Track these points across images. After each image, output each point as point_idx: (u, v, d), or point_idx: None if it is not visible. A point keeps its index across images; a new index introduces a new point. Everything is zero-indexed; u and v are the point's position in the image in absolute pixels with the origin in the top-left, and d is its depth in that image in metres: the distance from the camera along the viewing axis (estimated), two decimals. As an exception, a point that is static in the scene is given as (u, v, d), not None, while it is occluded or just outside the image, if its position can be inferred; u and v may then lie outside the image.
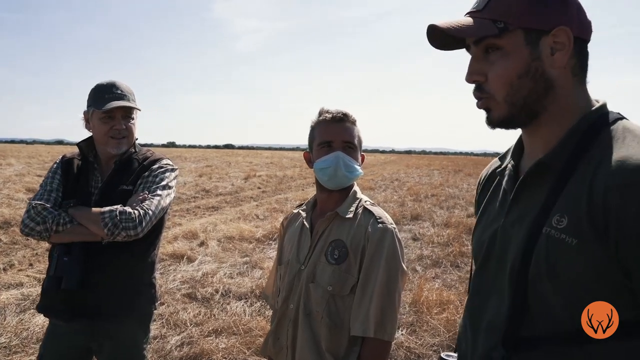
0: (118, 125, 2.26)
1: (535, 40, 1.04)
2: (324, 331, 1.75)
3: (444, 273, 6.64)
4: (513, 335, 1.06)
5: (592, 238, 0.94)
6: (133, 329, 2.31)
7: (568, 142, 1.05)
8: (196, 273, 6.23)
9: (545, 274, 1.01)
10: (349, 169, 1.80)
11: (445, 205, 13.27)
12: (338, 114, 1.83)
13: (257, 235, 8.46)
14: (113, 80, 2.29)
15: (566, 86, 1.07)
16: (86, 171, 2.33)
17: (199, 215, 11.19)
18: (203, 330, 4.46)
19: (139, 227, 2.10)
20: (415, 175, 26.38)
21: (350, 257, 1.76)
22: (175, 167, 2.45)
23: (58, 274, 2.12)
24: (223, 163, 33.60)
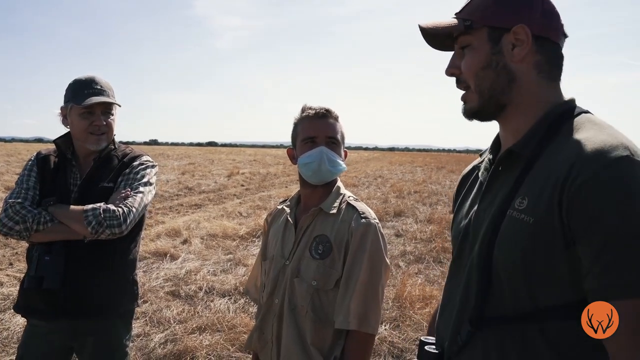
0: (98, 121, 2.22)
1: (497, 37, 1.17)
2: (308, 325, 1.76)
3: (426, 269, 6.70)
4: (479, 314, 1.13)
5: (548, 215, 1.01)
6: (115, 326, 2.29)
7: (536, 132, 1.15)
8: (179, 271, 6.21)
9: (507, 254, 1.09)
10: (333, 164, 1.82)
11: (428, 202, 13.38)
12: (321, 110, 1.85)
13: (241, 232, 8.44)
14: (92, 76, 2.26)
15: (530, 80, 1.17)
16: (64, 168, 2.29)
17: (182, 213, 11.13)
18: (187, 328, 4.46)
19: (123, 225, 2.09)
20: (398, 172, 26.51)
21: (334, 252, 1.78)
22: (155, 163, 2.44)
23: (39, 273, 2.09)
24: (206, 161, 33.44)
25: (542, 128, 1.14)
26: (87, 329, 2.23)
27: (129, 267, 2.33)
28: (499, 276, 1.10)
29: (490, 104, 1.19)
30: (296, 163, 1.89)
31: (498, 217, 1.12)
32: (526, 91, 1.17)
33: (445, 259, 7.13)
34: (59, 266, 2.10)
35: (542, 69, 1.17)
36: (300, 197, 1.99)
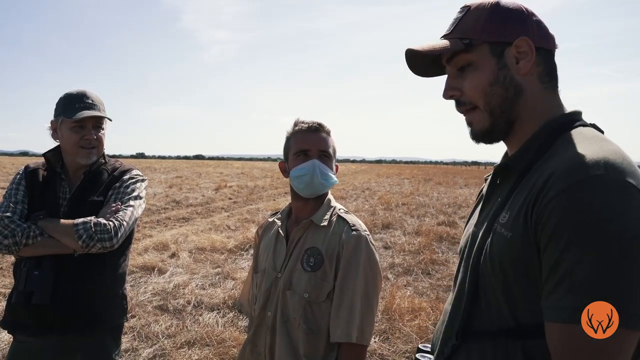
0: (89, 135, 2.22)
1: (500, 52, 1.14)
2: (301, 337, 1.77)
3: (415, 281, 6.71)
4: (465, 327, 1.14)
5: (523, 232, 1.00)
6: (105, 341, 2.27)
7: (531, 145, 1.13)
8: (167, 285, 6.16)
9: (490, 269, 1.08)
10: (325, 177, 1.84)
11: (415, 214, 13.41)
12: (314, 124, 1.88)
13: (229, 245, 8.40)
14: (83, 90, 2.26)
15: (534, 92, 1.16)
16: (53, 182, 2.28)
17: (170, 226, 11.05)
18: (176, 342, 4.42)
19: (114, 239, 2.08)
20: (386, 185, 26.58)
21: (325, 264, 1.79)
22: (145, 177, 2.44)
23: (28, 288, 2.06)
24: (193, 174, 33.29)
25: (539, 140, 1.12)
26: (77, 344, 2.20)
27: (118, 281, 2.32)
28: (484, 290, 1.10)
29: (502, 121, 1.17)
30: (288, 176, 1.90)
31: (486, 231, 1.12)
32: (531, 104, 1.16)
33: (434, 271, 7.15)
34: (49, 281, 2.08)
35: (544, 80, 1.17)
36: (291, 209, 2.00)
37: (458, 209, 14.69)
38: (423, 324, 4.79)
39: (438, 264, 7.53)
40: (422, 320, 4.88)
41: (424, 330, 4.66)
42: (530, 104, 1.15)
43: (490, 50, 1.15)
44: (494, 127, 1.17)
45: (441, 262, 7.63)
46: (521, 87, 1.14)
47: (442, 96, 1.23)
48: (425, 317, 4.96)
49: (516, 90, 1.14)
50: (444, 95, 1.22)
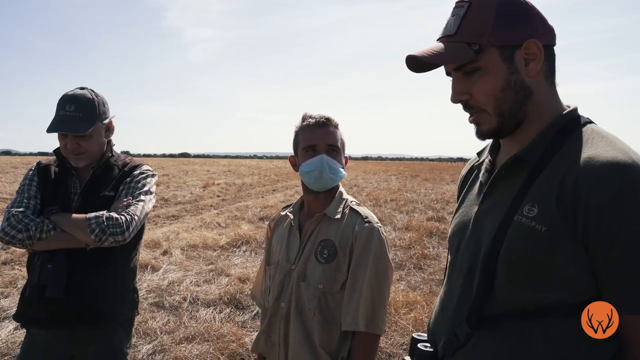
0: (70, 145, 2.22)
1: (509, 56, 1.14)
2: (316, 327, 1.81)
3: (408, 275, 6.78)
4: (477, 314, 1.16)
5: (561, 226, 1.04)
6: (116, 334, 2.30)
7: (542, 139, 1.15)
8: (162, 282, 6.16)
9: (514, 258, 1.10)
10: (333, 171, 1.87)
11: (404, 210, 13.50)
12: (321, 119, 1.91)
13: (221, 242, 8.42)
14: (73, 92, 2.24)
15: (542, 91, 1.18)
16: (64, 178, 2.30)
17: (160, 224, 11.02)
18: (174, 338, 4.44)
19: (126, 233, 2.11)
20: (373, 181, 26.67)
21: (339, 256, 1.83)
22: (155, 172, 2.46)
23: (42, 282, 2.09)
24: (180, 172, 33.14)
25: (549, 136, 1.15)
26: (89, 337, 2.23)
27: (129, 275, 2.35)
28: (503, 277, 1.12)
29: (511, 122, 1.18)
30: (298, 170, 1.94)
31: (504, 222, 1.14)
32: (539, 103, 1.18)
33: (426, 266, 7.23)
34: (62, 274, 2.10)
35: (548, 77, 1.19)
36: (303, 202, 2.04)
37: (446, 204, 14.80)
38: (419, 316, 4.86)
39: (430, 258, 7.60)
40: (418, 313, 4.95)
41: (420, 323, 4.73)
42: (538, 103, 1.17)
43: (500, 54, 1.13)
44: (502, 127, 1.19)
45: (432, 256, 7.71)
46: (530, 88, 1.16)
47: (451, 100, 1.21)
48: (421, 310, 5.03)
49: (526, 92, 1.16)
50: (453, 100, 1.21)
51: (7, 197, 13.76)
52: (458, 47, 1.14)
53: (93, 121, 2.22)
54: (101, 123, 2.28)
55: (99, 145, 2.30)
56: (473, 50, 1.13)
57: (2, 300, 5.36)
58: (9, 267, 6.65)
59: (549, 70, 1.19)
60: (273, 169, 41.11)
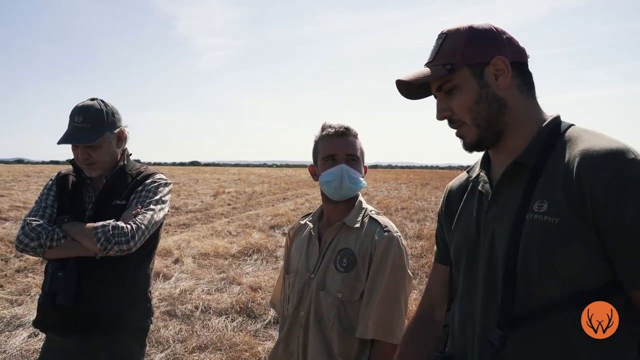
0: (81, 155, 2.26)
1: (479, 72, 1.27)
2: (335, 336, 1.81)
3: (420, 284, 6.74)
4: (508, 317, 1.18)
5: (571, 214, 1.11)
6: (128, 343, 2.31)
7: (535, 144, 1.25)
8: (174, 290, 6.18)
9: (534, 255, 1.15)
10: (353, 181, 1.88)
11: (415, 218, 13.47)
12: (340, 129, 1.91)
13: (232, 251, 8.43)
14: (83, 103, 2.28)
15: (517, 102, 1.29)
16: (80, 187, 2.34)
17: (171, 232, 11.06)
18: (187, 347, 4.44)
19: (131, 242, 2.12)
20: (383, 189, 26.64)
21: (358, 265, 1.83)
22: (169, 181, 2.47)
23: (53, 289, 2.12)
24: (190, 180, 33.28)
25: (540, 141, 1.25)
26: (99, 345, 2.24)
27: (142, 283, 2.36)
28: (526, 275, 1.16)
29: (489, 132, 1.29)
30: (317, 180, 1.94)
31: (516, 222, 1.20)
32: (516, 113, 1.29)
33: (437, 274, 7.17)
34: (72, 282, 2.12)
35: (523, 90, 1.30)
36: (322, 211, 2.04)
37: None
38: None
39: (441, 267, 7.55)
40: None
41: (432, 333, 4.69)
42: (516, 114, 1.28)
43: (471, 72, 1.27)
44: (482, 138, 1.30)
45: (444, 265, 7.65)
46: (504, 100, 1.27)
47: (436, 118, 1.35)
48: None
49: (500, 104, 1.27)
50: (438, 117, 1.35)
51: (20, 205, 13.87)
52: (434, 69, 1.30)
53: (101, 131, 2.24)
54: (111, 133, 2.29)
55: (109, 154, 2.31)
56: (446, 70, 1.28)
57: (15, 307, 5.40)
58: (23, 275, 6.70)
59: (524, 84, 1.31)
60: (283, 177, 41.16)
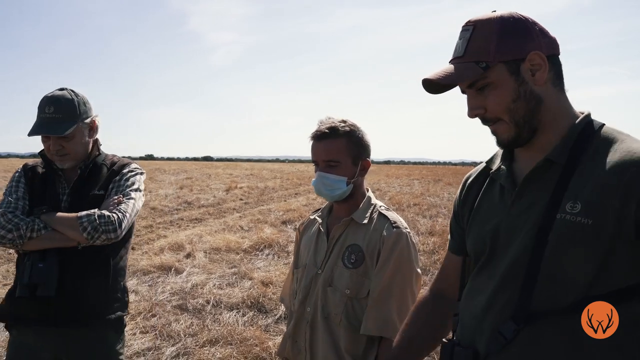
0: (53, 147, 2.22)
1: (516, 69, 1.23)
2: (342, 333, 1.79)
3: (431, 280, 6.69)
4: (524, 310, 1.18)
5: (606, 217, 1.10)
6: (107, 334, 2.29)
7: (566, 142, 1.23)
8: (185, 284, 6.21)
9: (562, 254, 1.15)
10: (329, 188, 1.85)
11: (427, 214, 13.40)
12: (319, 132, 1.86)
13: (244, 246, 8.43)
14: (52, 94, 2.23)
15: (552, 98, 1.26)
16: (52, 179, 2.30)
17: (183, 227, 11.12)
18: (198, 341, 4.46)
19: (118, 230, 2.12)
20: (395, 185, 26.54)
21: (366, 261, 1.81)
22: (143, 170, 2.47)
23: (33, 281, 2.07)
24: (203, 175, 33.38)
25: (572, 138, 1.23)
26: (78, 337, 2.21)
27: (119, 274, 2.34)
28: (551, 274, 1.16)
29: (526, 129, 1.25)
30: None
31: (545, 221, 1.18)
32: (551, 108, 1.26)
33: (450, 271, 7.14)
34: (53, 273, 2.09)
35: (556, 83, 1.27)
36: (332, 206, 2.02)
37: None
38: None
39: (454, 263, 7.51)
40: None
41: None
42: (550, 110, 1.25)
43: (507, 69, 1.22)
44: (520, 135, 1.26)
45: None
46: (540, 96, 1.24)
47: (468, 115, 1.30)
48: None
49: (537, 100, 1.24)
50: (470, 115, 1.29)
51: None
52: (467, 67, 1.24)
53: (74, 121, 2.20)
54: (82, 123, 2.25)
55: (82, 145, 2.28)
56: (481, 68, 1.22)
57: None
58: None
59: (556, 78, 1.27)
60: (295, 173, 41.17)
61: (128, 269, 6.61)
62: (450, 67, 1.28)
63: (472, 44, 1.24)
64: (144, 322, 4.90)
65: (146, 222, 11.33)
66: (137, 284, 6.24)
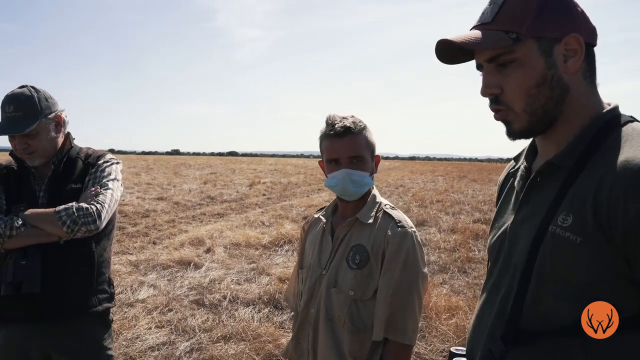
0: (18, 145, 2.20)
1: (548, 49, 1.07)
2: (346, 335, 1.74)
3: (451, 279, 6.62)
4: (513, 330, 1.09)
5: (596, 236, 0.96)
6: (93, 326, 2.29)
7: (579, 142, 1.08)
8: (203, 279, 6.24)
9: (549, 271, 1.04)
10: (357, 184, 1.79)
11: (450, 211, 13.23)
12: (340, 129, 1.78)
13: (264, 241, 8.44)
14: (12, 92, 2.20)
15: (579, 90, 1.10)
16: (27, 177, 2.29)
17: (205, 222, 11.20)
18: (212, 336, 4.46)
19: (98, 221, 2.10)
20: (419, 181, 26.33)
21: (371, 262, 1.75)
22: (119, 160, 2.44)
23: (17, 278, 2.06)
24: (227, 170, 33.64)
25: (586, 138, 1.07)
26: (65, 332, 2.21)
27: (104, 265, 2.33)
28: (538, 292, 1.06)
29: (543, 121, 1.11)
30: None
31: (539, 232, 1.07)
32: (576, 102, 1.10)
33: (470, 269, 7.04)
34: (37, 269, 2.08)
35: (587, 76, 1.12)
36: (337, 206, 1.98)
37: (494, 206, 14.43)
38: (460, 322, 4.71)
39: (474, 262, 7.41)
40: (460, 319, 4.80)
41: (461, 329, 4.58)
42: (575, 102, 1.10)
43: (538, 47, 1.06)
44: (534, 126, 1.12)
45: (478, 260, 7.50)
46: (568, 86, 1.08)
47: (481, 93, 1.15)
48: (463, 315, 4.87)
49: (562, 90, 1.08)
50: (483, 93, 1.14)
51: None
52: (495, 35, 1.08)
53: (35, 118, 2.17)
54: (45, 119, 2.22)
55: (48, 141, 2.24)
56: (511, 39, 1.06)
57: None
58: None
59: (588, 70, 1.11)
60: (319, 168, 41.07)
61: (147, 263, 6.64)
62: (475, 33, 1.11)
63: (504, 11, 1.08)
64: (160, 317, 4.93)
65: (168, 217, 11.46)
66: (156, 278, 6.30)
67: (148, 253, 7.64)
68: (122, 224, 10.28)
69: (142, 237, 9.16)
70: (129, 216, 11.33)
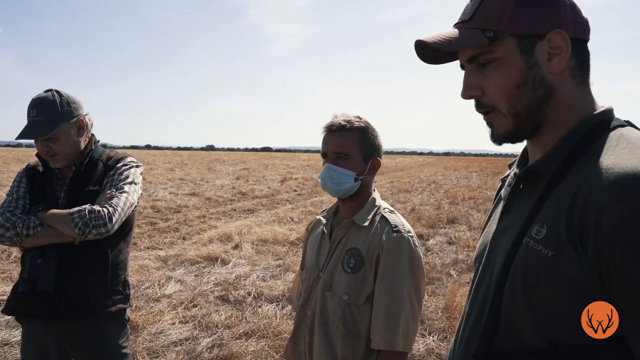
0: (41, 148, 2.28)
1: (529, 47, 0.99)
2: (339, 340, 1.73)
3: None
4: (485, 349, 1.02)
5: (569, 251, 0.88)
6: (107, 326, 2.33)
7: (562, 148, 1.00)
8: (229, 275, 6.30)
9: (520, 286, 0.96)
10: (335, 181, 1.78)
11: (482, 209, 13.02)
12: (334, 125, 1.79)
13: (291, 238, 8.48)
14: (37, 97, 2.28)
15: (566, 90, 1.01)
16: (50, 177, 2.37)
17: (235, 217, 11.30)
18: (234, 333, 4.51)
19: (109, 224, 2.14)
20: (452, 178, 26.03)
21: (366, 266, 1.73)
22: (140, 164, 2.48)
23: (32, 276, 2.15)
24: (260, 166, 33.88)
25: (572, 142, 0.99)
26: (79, 330, 2.28)
27: (120, 267, 2.37)
28: (509, 309, 0.99)
29: (527, 124, 1.03)
30: None
31: (514, 244, 0.99)
32: (562, 104, 1.01)
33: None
34: (51, 268, 2.16)
35: (576, 75, 1.02)
36: (338, 207, 1.97)
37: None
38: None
39: (504, 261, 7.28)
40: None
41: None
42: (561, 104, 1.01)
43: (518, 45, 0.99)
44: (518, 130, 1.04)
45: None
46: (553, 87, 1.00)
47: (461, 96, 1.07)
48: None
49: (546, 91, 1.00)
50: (463, 95, 1.07)
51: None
52: (471, 33, 1.01)
53: (56, 123, 2.24)
54: (67, 123, 2.28)
55: (70, 144, 2.31)
56: (487, 37, 0.99)
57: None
58: None
59: (578, 67, 1.02)
60: (352, 164, 40.92)
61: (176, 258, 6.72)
62: (452, 32, 1.04)
63: (482, 8, 1.01)
64: (185, 312, 5.01)
65: (199, 213, 11.61)
66: (183, 274, 6.40)
67: (177, 248, 7.77)
68: (153, 219, 10.49)
69: (172, 232, 9.32)
70: (161, 211, 11.54)
